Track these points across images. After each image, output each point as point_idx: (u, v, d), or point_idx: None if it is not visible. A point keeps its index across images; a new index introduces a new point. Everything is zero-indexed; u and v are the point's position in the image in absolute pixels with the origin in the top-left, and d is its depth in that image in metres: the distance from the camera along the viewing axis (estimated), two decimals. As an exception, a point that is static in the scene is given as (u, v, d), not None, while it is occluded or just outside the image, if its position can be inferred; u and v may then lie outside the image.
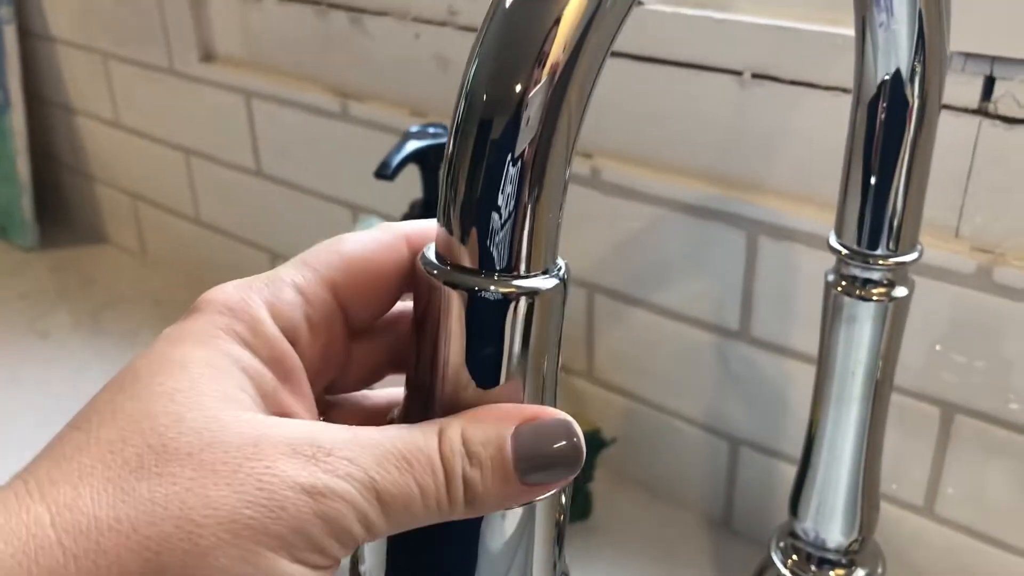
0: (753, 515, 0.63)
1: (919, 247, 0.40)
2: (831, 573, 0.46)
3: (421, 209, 0.57)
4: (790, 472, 0.60)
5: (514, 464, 0.23)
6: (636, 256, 0.62)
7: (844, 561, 0.46)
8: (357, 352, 0.28)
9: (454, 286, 0.23)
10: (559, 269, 0.25)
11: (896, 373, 0.43)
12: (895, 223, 0.38)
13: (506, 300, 0.23)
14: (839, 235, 0.40)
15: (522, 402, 0.24)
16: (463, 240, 0.23)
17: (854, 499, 0.44)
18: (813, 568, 0.46)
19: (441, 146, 0.55)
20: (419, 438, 0.23)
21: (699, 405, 0.63)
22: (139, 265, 1.03)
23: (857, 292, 0.40)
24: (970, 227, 0.49)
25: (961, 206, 0.49)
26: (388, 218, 0.66)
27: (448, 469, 0.23)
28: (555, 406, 0.25)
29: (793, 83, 0.53)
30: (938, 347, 0.51)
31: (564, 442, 0.24)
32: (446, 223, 0.23)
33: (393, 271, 0.26)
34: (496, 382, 0.24)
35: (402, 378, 0.27)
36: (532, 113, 0.22)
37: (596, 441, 0.64)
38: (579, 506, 0.64)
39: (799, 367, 0.57)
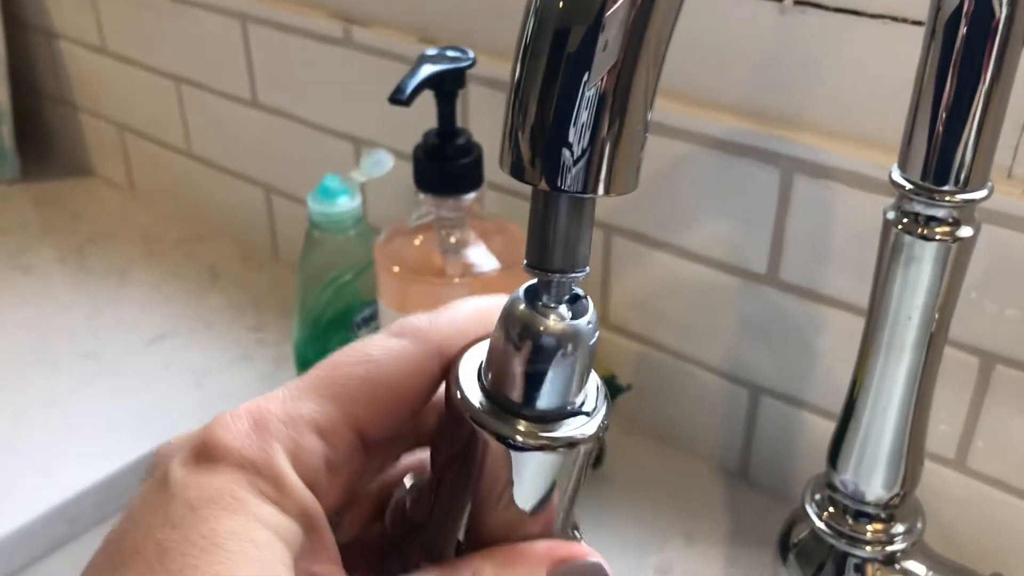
0: (772, 466, 0.61)
1: (990, 184, 0.37)
2: (869, 527, 0.44)
3: (436, 138, 0.53)
4: (814, 423, 0.58)
5: None
6: (659, 195, 0.59)
7: (883, 516, 0.44)
8: (373, 457, 0.26)
9: (500, 439, 0.23)
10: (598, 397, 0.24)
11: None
12: (967, 156, 0.35)
13: (547, 450, 0.23)
14: (903, 168, 0.37)
15: (553, 530, 0.24)
16: (533, 162, 0.21)
17: (899, 452, 0.42)
18: (850, 521, 0.44)
19: (459, 71, 0.52)
20: None
21: (719, 352, 0.60)
22: (127, 199, 0.99)
23: (919, 231, 0.37)
24: (1025, 167, 0.46)
25: (1016, 145, 0.46)
26: (395, 152, 0.63)
27: None
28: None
29: (838, 10, 0.49)
30: (974, 294, 0.49)
31: None
32: (513, 148, 0.21)
33: (423, 393, 0.25)
34: (529, 517, 0.24)
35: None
36: (612, 33, 0.20)
37: (611, 387, 0.61)
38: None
39: (831, 313, 0.54)
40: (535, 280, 0.23)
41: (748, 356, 0.59)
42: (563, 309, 0.23)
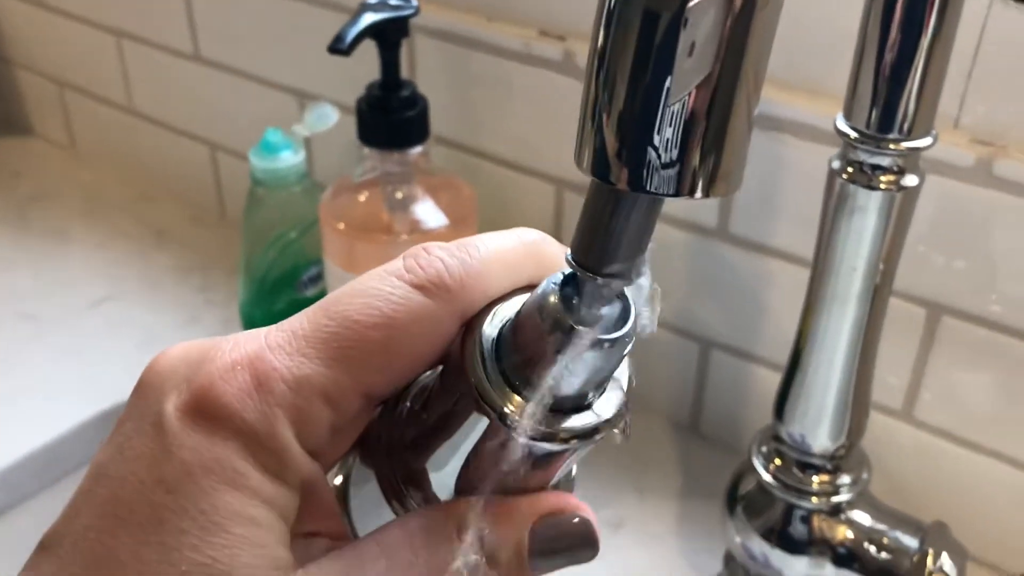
0: (723, 420, 0.61)
1: (934, 132, 0.37)
2: (815, 479, 0.44)
3: (379, 90, 0.52)
4: (764, 376, 0.58)
5: (528, 560, 0.23)
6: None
7: (829, 467, 0.44)
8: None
9: (502, 419, 0.22)
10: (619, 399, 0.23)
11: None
12: (911, 104, 0.35)
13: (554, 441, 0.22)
14: (848, 117, 0.37)
15: (547, 487, 0.24)
16: (619, 156, 0.19)
17: (844, 403, 0.42)
18: (797, 473, 0.44)
19: (401, 19, 0.50)
20: (441, 540, 0.23)
21: (670, 307, 0.60)
22: (67, 157, 0.96)
23: (864, 180, 0.37)
24: (971, 117, 0.46)
25: (963, 94, 0.46)
26: (341, 106, 0.61)
27: (471, 571, 0.23)
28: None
29: (787, -42, 0.49)
30: (921, 247, 0.49)
31: (578, 542, 0.24)
32: (596, 139, 0.19)
33: (439, 354, 0.23)
34: (526, 479, 0.23)
35: None
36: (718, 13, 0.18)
37: (563, 344, 0.61)
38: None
39: (781, 266, 0.54)
40: (574, 274, 0.22)
41: (699, 311, 0.59)
42: (606, 311, 0.22)
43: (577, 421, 0.22)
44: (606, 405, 0.23)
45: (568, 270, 0.22)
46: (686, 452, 0.62)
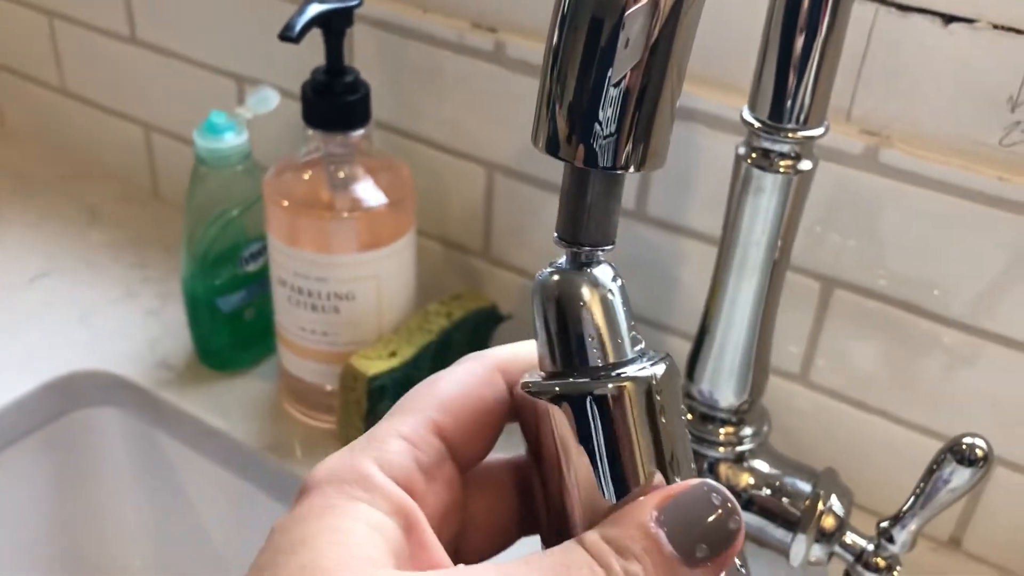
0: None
1: (826, 123, 0.42)
2: (721, 430, 0.49)
3: (324, 76, 0.55)
4: (677, 345, 0.63)
5: (673, 546, 0.22)
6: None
7: (733, 420, 0.49)
8: (478, 510, 0.27)
9: (561, 399, 0.23)
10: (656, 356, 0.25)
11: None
12: (806, 97, 0.40)
13: (620, 394, 0.23)
14: (752, 108, 0.42)
15: (658, 486, 0.24)
16: (569, 139, 0.23)
17: (747, 364, 0.47)
18: (705, 426, 0.50)
19: (347, 10, 0.54)
20: (563, 552, 0.22)
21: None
22: (-5, 137, 0.96)
23: (766, 164, 0.42)
24: (861, 110, 0.52)
25: (854, 90, 0.51)
26: (281, 90, 0.64)
27: (606, 565, 0.22)
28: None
29: (700, -37, 0.53)
30: (819, 227, 0.54)
31: (714, 504, 0.22)
32: (550, 123, 0.23)
33: (493, 405, 0.26)
34: (631, 486, 0.23)
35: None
36: (647, 19, 0.22)
37: (492, 316, 0.65)
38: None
39: (694, 245, 0.59)
40: (560, 260, 0.25)
41: (618, 286, 0.64)
42: (589, 271, 0.25)
43: (620, 372, 0.24)
44: (646, 355, 0.25)
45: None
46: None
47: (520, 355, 0.27)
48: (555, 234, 0.25)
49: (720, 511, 0.22)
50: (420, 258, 0.63)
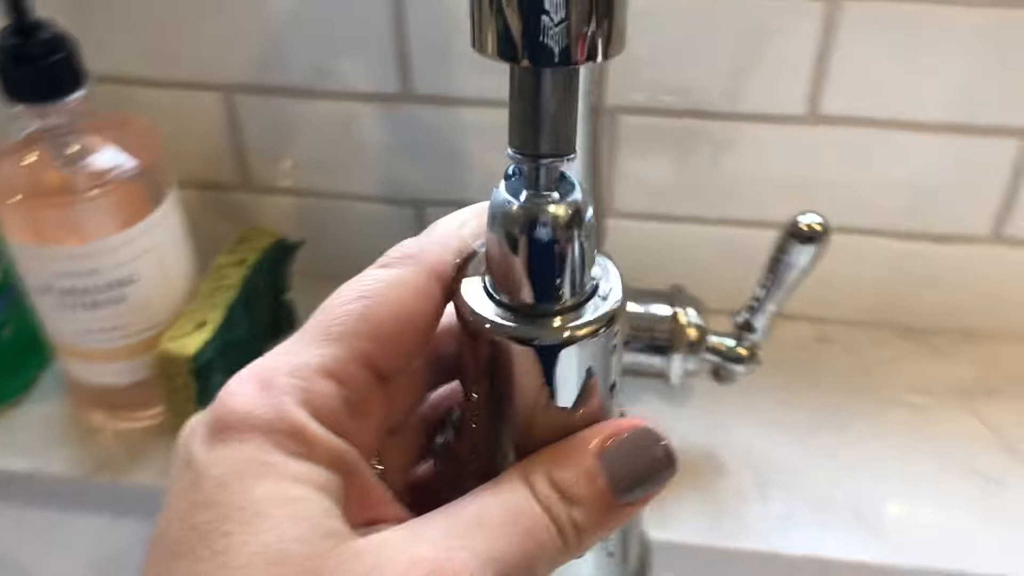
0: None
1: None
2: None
3: (13, 38, 0.46)
4: (479, 217, 0.61)
5: (611, 490, 0.22)
6: (281, 40, 0.56)
7: (587, 273, 0.49)
8: (396, 395, 0.25)
9: (524, 343, 0.22)
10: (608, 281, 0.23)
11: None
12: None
13: (576, 342, 0.22)
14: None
15: (601, 419, 0.23)
16: (523, 33, 0.20)
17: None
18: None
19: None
20: (513, 499, 0.22)
21: (374, 179, 0.61)
22: None
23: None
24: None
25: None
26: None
27: (555, 518, 0.22)
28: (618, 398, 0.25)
29: None
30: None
31: (653, 449, 0.23)
32: (493, 23, 0.20)
33: (427, 319, 0.24)
34: (573, 413, 0.23)
35: None
36: None
37: (286, 247, 0.60)
38: (284, 320, 0.61)
39: (472, 112, 0.57)
40: (513, 169, 0.22)
41: (404, 175, 0.61)
42: (554, 194, 0.22)
43: (589, 312, 0.22)
44: (605, 282, 0.23)
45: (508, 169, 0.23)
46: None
47: (449, 250, 0.24)
48: (508, 148, 0.22)
49: (662, 459, 0.23)
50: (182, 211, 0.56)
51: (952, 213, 0.57)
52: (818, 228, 0.45)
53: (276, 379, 0.22)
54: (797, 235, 0.46)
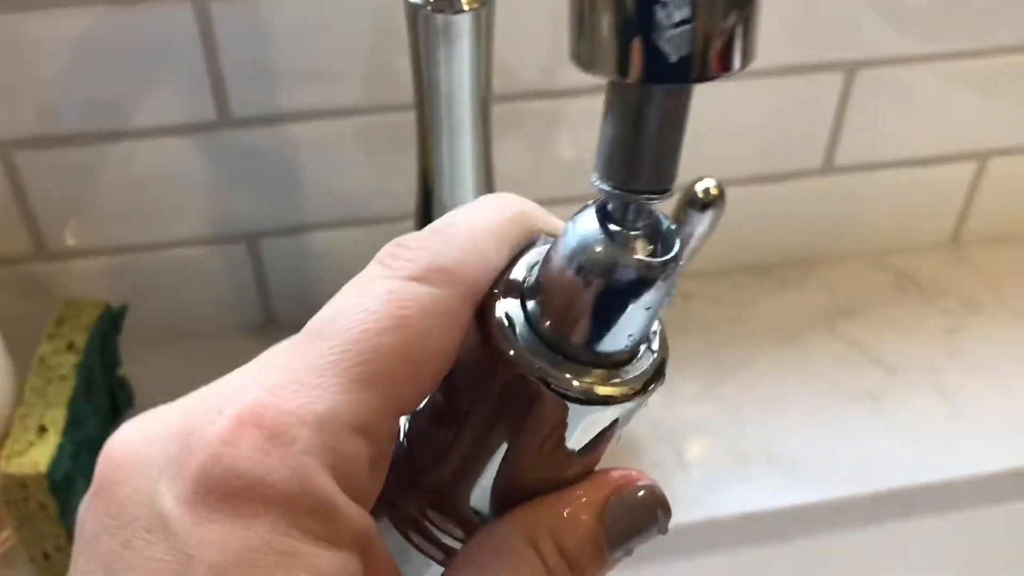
0: (295, 300, 0.59)
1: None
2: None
3: None
4: (322, 239, 0.56)
5: (608, 549, 0.20)
6: (68, 80, 0.48)
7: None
8: None
9: (560, 393, 0.19)
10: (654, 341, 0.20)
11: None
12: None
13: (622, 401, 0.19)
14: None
15: (595, 467, 0.21)
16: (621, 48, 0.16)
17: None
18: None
19: None
20: (525, 571, 0.20)
21: (198, 219, 0.54)
22: None
23: (448, 5, 0.36)
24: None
25: None
26: None
27: None
28: None
29: None
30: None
31: (653, 510, 0.21)
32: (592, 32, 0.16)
33: (457, 347, 0.19)
34: (578, 462, 0.20)
35: None
36: None
37: (112, 316, 0.52)
38: (123, 399, 0.53)
39: (300, 128, 0.52)
40: (606, 201, 0.18)
41: (233, 208, 0.54)
42: (645, 237, 0.19)
43: (636, 370, 0.20)
44: (654, 339, 0.21)
45: (591, 203, 0.19)
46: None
47: (489, 269, 0.20)
48: (594, 174, 0.19)
49: (661, 522, 0.21)
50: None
51: (787, 152, 0.59)
52: (715, 193, 0.45)
53: (292, 431, 0.17)
54: (694, 203, 0.45)
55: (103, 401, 0.51)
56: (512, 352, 0.19)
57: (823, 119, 0.57)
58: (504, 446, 0.20)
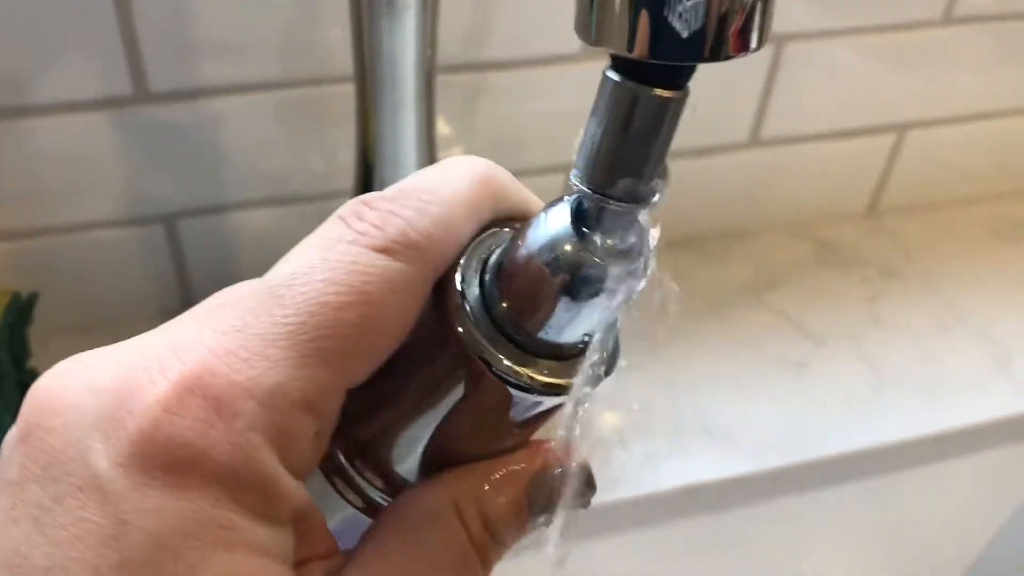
0: (215, 283, 0.56)
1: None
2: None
3: None
4: (243, 220, 0.54)
5: (529, 518, 0.20)
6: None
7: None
8: None
9: (504, 380, 0.19)
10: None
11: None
12: None
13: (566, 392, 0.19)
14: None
15: (530, 439, 0.21)
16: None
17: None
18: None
19: None
20: (452, 542, 0.19)
21: (111, 200, 0.51)
22: None
23: (394, -25, 0.35)
24: None
25: None
26: None
27: (484, 560, 0.20)
28: None
29: None
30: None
31: (580, 487, 0.21)
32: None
33: (412, 322, 0.18)
34: (515, 437, 0.20)
35: None
36: None
37: (21, 305, 0.48)
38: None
39: (219, 103, 0.49)
40: (582, 199, 0.18)
41: (149, 188, 0.51)
42: (614, 243, 0.18)
43: (586, 361, 0.19)
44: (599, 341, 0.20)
45: (566, 198, 0.18)
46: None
47: (458, 245, 0.19)
48: (574, 171, 0.18)
49: (583, 497, 0.21)
50: None
51: (715, 126, 0.59)
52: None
53: (239, 404, 0.16)
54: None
55: (14, 396, 0.48)
56: (462, 330, 0.19)
57: (751, 93, 0.58)
58: (442, 412, 0.20)
